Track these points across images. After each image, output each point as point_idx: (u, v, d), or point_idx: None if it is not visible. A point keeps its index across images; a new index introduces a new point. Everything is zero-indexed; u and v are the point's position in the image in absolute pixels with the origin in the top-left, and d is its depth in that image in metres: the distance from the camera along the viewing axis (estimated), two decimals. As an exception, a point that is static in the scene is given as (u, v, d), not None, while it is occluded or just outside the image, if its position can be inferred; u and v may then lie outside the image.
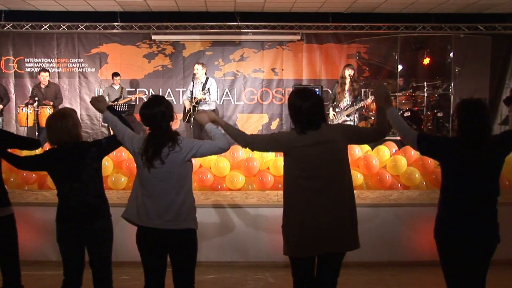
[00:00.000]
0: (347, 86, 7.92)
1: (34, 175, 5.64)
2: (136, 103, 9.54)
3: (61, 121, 3.20)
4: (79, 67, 10.20)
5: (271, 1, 9.25)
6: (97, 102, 3.36)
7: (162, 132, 3.04)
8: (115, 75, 9.36)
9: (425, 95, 8.51)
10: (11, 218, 3.46)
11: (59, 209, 3.25)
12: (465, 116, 2.84)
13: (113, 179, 5.57)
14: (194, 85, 8.10)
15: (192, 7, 9.75)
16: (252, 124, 10.32)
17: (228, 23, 10.08)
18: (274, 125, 10.42)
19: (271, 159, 5.73)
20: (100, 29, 10.09)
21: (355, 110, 7.88)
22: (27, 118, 8.14)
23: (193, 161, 3.24)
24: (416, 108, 8.58)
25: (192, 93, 8.03)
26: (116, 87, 9.34)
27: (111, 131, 3.39)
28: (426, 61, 9.54)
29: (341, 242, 2.90)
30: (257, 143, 3.09)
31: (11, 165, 3.46)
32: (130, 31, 10.14)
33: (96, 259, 3.28)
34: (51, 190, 5.15)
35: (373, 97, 7.65)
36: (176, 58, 10.30)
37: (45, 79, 8.75)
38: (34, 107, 8.14)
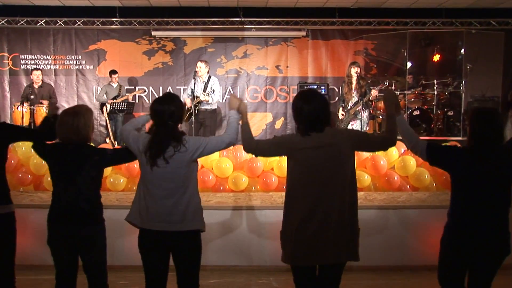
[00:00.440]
0: (353, 85, 7.71)
1: (29, 176, 5.56)
2: (135, 101, 9.39)
3: (73, 118, 3.12)
4: (76, 64, 9.97)
5: (276, -4, 9.08)
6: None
7: (167, 130, 3.01)
8: (113, 72, 9.11)
9: (435, 93, 8.52)
10: (11, 216, 3.33)
11: (51, 209, 3.21)
12: (479, 126, 2.86)
13: (112, 180, 5.51)
14: (196, 83, 7.87)
15: (193, 2, 9.58)
16: (255, 124, 10.02)
17: (230, 19, 9.88)
18: (279, 124, 10.17)
19: (275, 160, 5.67)
20: (98, 24, 9.86)
21: (362, 106, 7.64)
22: (22, 117, 8.05)
23: (196, 160, 3.28)
24: (426, 107, 8.58)
25: (193, 91, 7.77)
26: (114, 85, 9.09)
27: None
28: (436, 58, 9.41)
29: (338, 253, 2.87)
30: (260, 148, 3.11)
31: (9, 164, 3.31)
32: (129, 27, 9.90)
33: (88, 264, 3.21)
34: (47, 191, 5.18)
35: (377, 90, 7.62)
36: (177, 55, 10.08)
37: (38, 78, 8.65)
38: (29, 105, 8.07)
